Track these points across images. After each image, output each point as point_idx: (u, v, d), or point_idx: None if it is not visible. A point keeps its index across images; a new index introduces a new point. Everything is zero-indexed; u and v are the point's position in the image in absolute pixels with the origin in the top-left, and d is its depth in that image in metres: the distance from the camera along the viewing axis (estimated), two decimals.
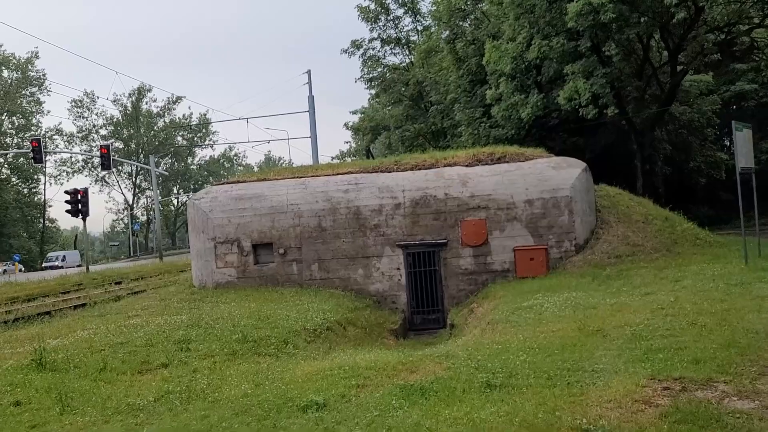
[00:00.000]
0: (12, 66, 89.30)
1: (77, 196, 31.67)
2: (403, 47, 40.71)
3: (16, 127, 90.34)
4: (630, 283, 14.09)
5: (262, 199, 18.70)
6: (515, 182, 18.36)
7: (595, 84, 24.16)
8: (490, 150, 19.71)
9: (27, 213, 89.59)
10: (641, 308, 10.60)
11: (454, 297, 18.27)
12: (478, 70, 30.44)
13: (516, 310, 12.11)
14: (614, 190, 20.46)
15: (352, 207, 18.51)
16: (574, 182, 18.24)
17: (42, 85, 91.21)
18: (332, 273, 18.49)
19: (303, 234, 18.52)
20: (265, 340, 11.12)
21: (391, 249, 18.43)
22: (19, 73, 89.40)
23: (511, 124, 28.15)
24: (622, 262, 16.86)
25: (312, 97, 36.20)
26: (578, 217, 18.19)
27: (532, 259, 18.06)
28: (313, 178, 19.18)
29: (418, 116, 38.22)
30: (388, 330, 16.47)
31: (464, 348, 8.60)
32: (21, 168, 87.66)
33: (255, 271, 18.56)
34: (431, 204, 18.37)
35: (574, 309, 11.32)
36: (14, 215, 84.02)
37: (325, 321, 13.89)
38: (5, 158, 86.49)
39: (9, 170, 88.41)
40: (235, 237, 18.58)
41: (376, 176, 19.00)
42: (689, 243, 18.03)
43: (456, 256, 18.31)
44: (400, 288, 18.45)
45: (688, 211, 39.14)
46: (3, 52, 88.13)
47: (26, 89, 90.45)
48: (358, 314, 16.18)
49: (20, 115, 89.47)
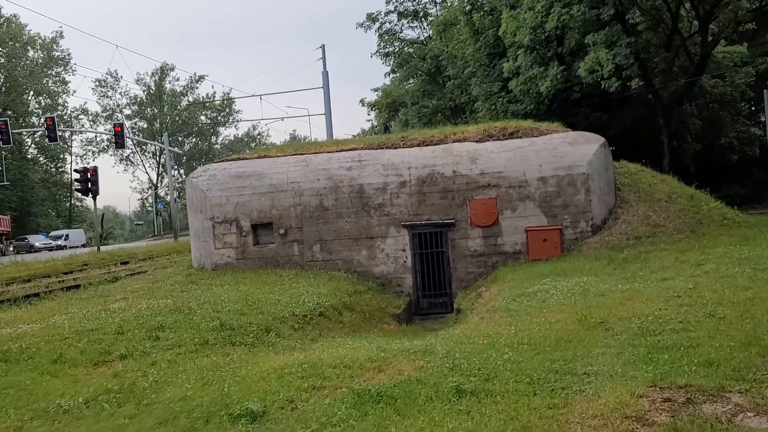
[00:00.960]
0: (38, 46, 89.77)
1: (87, 175, 31.29)
2: (420, 20, 39.39)
3: (43, 107, 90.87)
4: (648, 267, 13.02)
5: (261, 177, 17.89)
6: (528, 159, 17.26)
7: (619, 54, 22.75)
8: (502, 125, 18.59)
9: (54, 192, 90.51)
10: (655, 296, 9.57)
11: (462, 280, 17.33)
12: (495, 42, 29.10)
13: (519, 297, 11.15)
14: (636, 167, 19.22)
15: (355, 185, 17.60)
16: (591, 158, 17.07)
17: (67, 65, 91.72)
18: (335, 254, 17.66)
19: (304, 213, 17.69)
20: (245, 328, 10.35)
21: (396, 229, 17.52)
22: (44, 53, 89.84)
23: (529, 99, 26.87)
24: (642, 243, 15.72)
25: (326, 72, 35.19)
26: (595, 196, 17.05)
27: (546, 240, 17.01)
28: (315, 155, 18.30)
29: (435, 92, 36.95)
30: (390, 315, 15.63)
31: (446, 342, 7.69)
32: (48, 148, 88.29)
33: (254, 252, 17.81)
34: (438, 182, 17.38)
35: (581, 296, 10.33)
36: (42, 194, 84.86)
37: (319, 306, 13.08)
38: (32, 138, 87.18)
39: (36, 150, 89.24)
40: (233, 217, 17.83)
41: (381, 153, 18.05)
42: (716, 224, 16.79)
43: (464, 237, 17.34)
44: (405, 270, 17.56)
45: (718, 189, 37.62)
46: (29, 32, 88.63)
47: (52, 69, 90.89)
48: (357, 298, 15.36)
49: (46, 95, 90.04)
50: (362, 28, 39.97)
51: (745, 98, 34.77)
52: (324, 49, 35.41)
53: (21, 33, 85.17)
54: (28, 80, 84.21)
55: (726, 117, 34.30)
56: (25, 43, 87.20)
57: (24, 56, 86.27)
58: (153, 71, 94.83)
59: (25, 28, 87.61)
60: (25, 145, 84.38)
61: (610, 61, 22.98)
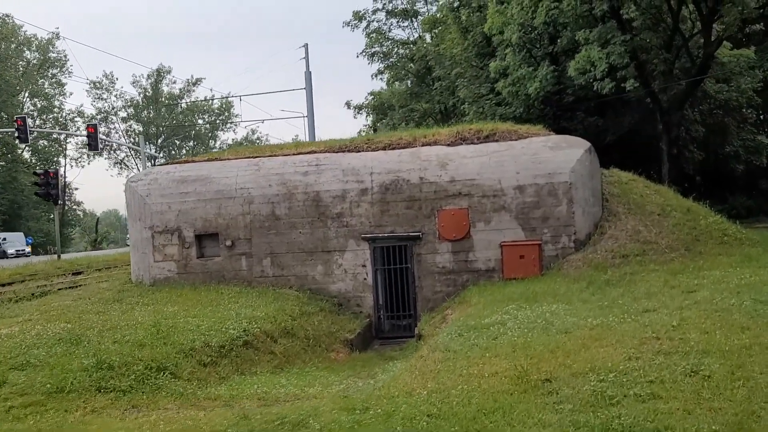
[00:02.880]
0: (34, 47, 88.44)
1: (47, 178, 29.60)
2: (411, 20, 37.52)
3: (38, 109, 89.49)
4: (631, 293, 11.12)
5: (207, 182, 16.06)
6: (504, 165, 15.38)
7: (613, 53, 20.83)
8: (478, 127, 16.71)
9: None
10: (629, 336, 7.66)
11: (428, 300, 15.45)
12: (483, 41, 27.25)
13: (469, 330, 9.24)
14: (627, 176, 17.28)
15: (311, 192, 15.75)
16: (574, 165, 15.18)
17: (63, 66, 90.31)
18: (287, 269, 15.79)
19: (254, 223, 15.85)
20: (129, 367, 8.49)
21: (355, 242, 15.65)
22: (39, 54, 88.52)
23: (518, 102, 24.98)
24: (629, 263, 13.79)
25: (309, 72, 33.38)
26: (579, 208, 15.14)
27: (523, 257, 15.11)
28: (270, 159, 16.46)
29: (423, 94, 35.09)
30: (341, 340, 13.76)
31: (334, 406, 5.80)
32: (42, 150, 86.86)
33: (198, 266, 15.97)
34: (403, 189, 15.51)
35: (541, 333, 8.43)
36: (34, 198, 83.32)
37: (246, 333, 11.23)
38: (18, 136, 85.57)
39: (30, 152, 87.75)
40: (175, 226, 15.99)
41: (342, 156, 16.19)
42: (714, 240, 14.83)
43: (432, 251, 15.45)
44: (365, 288, 15.68)
45: (724, 200, 35.58)
46: (24, 33, 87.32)
47: (47, 71, 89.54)
48: (304, 321, 13.49)
49: (42, 97, 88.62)
50: (349, 26, 38.22)
51: (751, 104, 32.76)
52: (307, 48, 33.64)
53: (13, 34, 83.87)
54: (22, 81, 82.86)
55: (731, 124, 32.28)
56: (20, 44, 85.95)
57: (18, 57, 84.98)
58: (149, 73, 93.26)
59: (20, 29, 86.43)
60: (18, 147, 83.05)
61: (603, 61, 21.07)
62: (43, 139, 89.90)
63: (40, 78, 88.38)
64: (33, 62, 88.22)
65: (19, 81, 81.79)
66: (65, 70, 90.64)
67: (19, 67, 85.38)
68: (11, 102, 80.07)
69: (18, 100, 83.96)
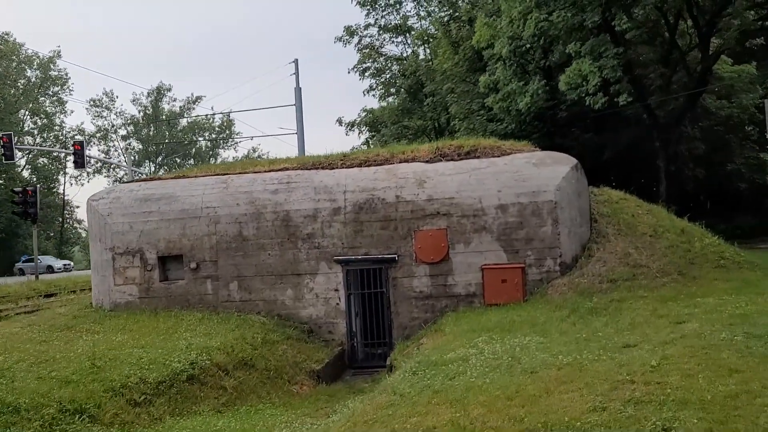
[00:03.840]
0: (35, 65, 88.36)
1: (25, 196, 28.82)
2: (405, 35, 36.75)
3: (39, 127, 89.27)
4: (615, 323, 10.14)
5: (172, 201, 15.19)
6: (485, 182, 14.46)
7: (606, 67, 19.97)
8: (459, 143, 15.82)
9: (46, 213, 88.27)
10: (601, 379, 6.69)
11: (405, 327, 14.46)
12: (475, 55, 26.47)
13: (428, 367, 8.27)
14: (618, 195, 16.31)
15: (280, 212, 14.85)
16: (560, 183, 14.25)
17: (64, 84, 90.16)
18: (255, 294, 14.85)
19: (220, 244, 14.94)
20: (40, 409, 7.54)
21: (327, 265, 14.71)
22: (40, 72, 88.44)
23: (510, 118, 24.12)
24: (617, 288, 12.80)
25: (299, 89, 32.66)
26: (565, 228, 14.19)
27: (505, 281, 14.14)
28: (238, 176, 15.60)
29: (416, 110, 34.29)
30: (307, 371, 12.77)
31: None
32: (42, 168, 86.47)
33: (161, 290, 15.04)
34: (378, 209, 14.59)
35: (504, 373, 7.46)
36: None
37: (191, 366, 10.26)
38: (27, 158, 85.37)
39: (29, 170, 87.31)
40: (137, 247, 15.09)
41: (314, 174, 15.31)
42: (710, 264, 13.82)
43: (408, 275, 14.49)
44: (338, 314, 14.71)
45: (729, 220, 34.51)
46: (25, 51, 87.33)
47: (49, 89, 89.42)
48: (266, 350, 12.52)
49: (43, 115, 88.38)
50: (341, 42, 37.53)
51: (753, 121, 31.76)
52: (297, 63, 32.95)
53: (14, 51, 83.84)
54: (21, 100, 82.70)
55: (733, 141, 31.31)
56: (21, 62, 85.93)
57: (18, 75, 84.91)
58: (149, 91, 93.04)
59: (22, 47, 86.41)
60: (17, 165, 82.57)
61: (596, 75, 20.20)
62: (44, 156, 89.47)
63: (40, 96, 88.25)
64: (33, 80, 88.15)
65: (18, 99, 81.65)
66: (66, 88, 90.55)
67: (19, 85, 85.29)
68: (9, 120, 79.85)
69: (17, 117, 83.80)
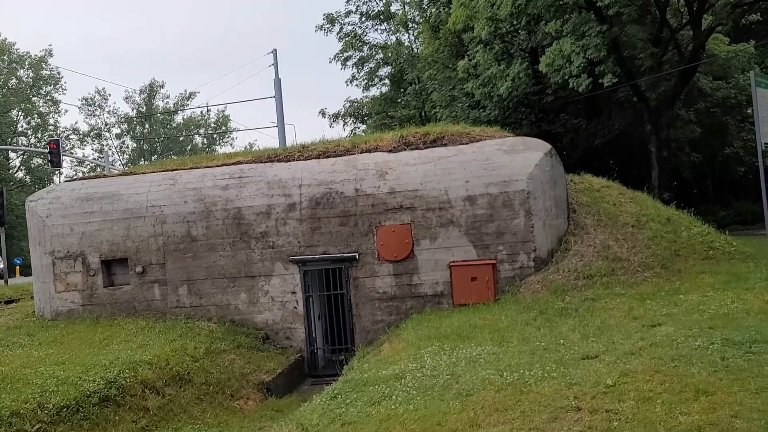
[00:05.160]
0: (27, 65, 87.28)
1: None
2: (388, 23, 35.38)
3: (33, 127, 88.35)
4: (583, 327, 9.00)
5: (115, 200, 14.07)
6: (452, 173, 13.29)
7: (589, 46, 18.70)
8: (425, 130, 14.65)
9: None
10: (541, 405, 5.55)
11: (368, 331, 13.34)
12: (456, 40, 25.21)
13: (354, 389, 7.15)
14: (600, 182, 15.10)
15: (231, 209, 13.72)
16: (532, 171, 13.06)
17: (57, 83, 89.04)
18: (206, 298, 13.74)
19: (167, 246, 13.82)
20: None
21: (283, 265, 13.58)
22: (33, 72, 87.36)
23: (493, 104, 22.88)
24: (593, 285, 11.66)
25: (278, 80, 31.44)
26: (539, 220, 13.02)
27: (475, 278, 12.99)
28: (188, 172, 14.48)
29: (399, 99, 33.01)
30: (255, 384, 11.65)
31: None
32: (36, 169, 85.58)
33: (106, 296, 13.95)
34: (337, 204, 13.45)
35: (435, 395, 6.33)
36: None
37: (109, 385, 9.14)
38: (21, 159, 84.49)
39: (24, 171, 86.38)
40: (78, 250, 14.00)
41: (269, 167, 14.18)
42: (697, 255, 12.63)
43: (371, 274, 13.35)
44: (296, 318, 13.59)
45: (730, 205, 33.20)
46: (17, 51, 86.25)
47: (42, 88, 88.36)
48: (208, 362, 11.40)
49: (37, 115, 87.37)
50: (322, 30, 36.19)
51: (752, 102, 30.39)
52: (276, 54, 31.72)
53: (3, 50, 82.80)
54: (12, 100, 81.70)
55: (731, 123, 29.93)
56: (12, 61, 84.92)
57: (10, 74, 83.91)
58: (141, 88, 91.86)
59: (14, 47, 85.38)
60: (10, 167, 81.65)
61: (579, 55, 18.93)
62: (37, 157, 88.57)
63: (33, 96, 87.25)
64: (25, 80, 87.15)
65: (7, 99, 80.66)
66: (59, 87, 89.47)
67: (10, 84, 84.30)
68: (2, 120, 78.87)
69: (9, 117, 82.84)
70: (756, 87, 9.72)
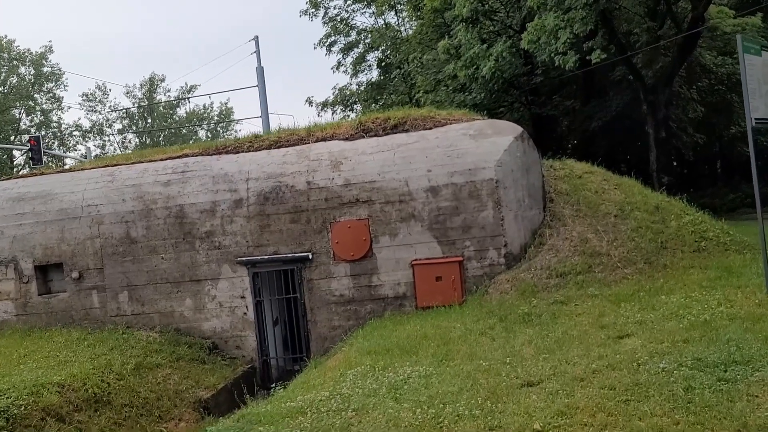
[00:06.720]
0: (27, 62, 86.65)
1: None
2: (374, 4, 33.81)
3: (36, 124, 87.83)
4: (541, 339, 7.71)
5: (49, 200, 12.90)
6: (412, 161, 11.97)
7: (575, 19, 17.22)
8: (385, 115, 13.31)
9: None
10: None
11: (324, 338, 12.09)
12: (441, 20, 23.78)
13: (250, 426, 5.89)
14: (582, 168, 13.68)
15: (173, 207, 12.50)
16: (501, 157, 11.71)
17: (58, 80, 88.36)
18: (148, 305, 12.55)
19: (105, 249, 12.63)
20: None
21: (230, 267, 12.35)
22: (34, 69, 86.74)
23: (478, 87, 21.47)
24: (567, 284, 10.34)
25: (261, 68, 30.18)
26: (510, 212, 11.67)
27: (440, 278, 11.67)
28: (128, 167, 13.25)
29: (386, 85, 31.58)
30: (191, 403, 10.45)
31: None
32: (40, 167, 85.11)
33: (41, 305, 12.80)
34: (287, 198, 12.18)
35: None
36: None
37: (11, 405, 7.96)
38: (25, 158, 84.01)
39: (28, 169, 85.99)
40: (10, 255, 12.85)
41: (214, 161, 12.92)
42: (687, 248, 11.25)
43: (326, 275, 12.08)
44: (246, 325, 12.37)
45: (738, 188, 31.59)
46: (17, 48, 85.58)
47: (44, 85, 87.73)
48: (137, 380, 10.22)
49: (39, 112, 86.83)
50: (306, 15, 34.76)
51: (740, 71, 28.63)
52: (257, 41, 30.44)
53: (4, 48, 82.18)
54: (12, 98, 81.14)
55: (736, 101, 28.24)
56: (12, 59, 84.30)
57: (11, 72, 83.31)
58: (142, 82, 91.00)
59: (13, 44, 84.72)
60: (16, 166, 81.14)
61: (566, 30, 17.46)
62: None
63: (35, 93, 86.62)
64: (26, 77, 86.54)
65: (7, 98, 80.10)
66: (60, 83, 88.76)
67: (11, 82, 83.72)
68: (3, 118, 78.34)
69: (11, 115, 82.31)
70: (744, 53, 8.31)
